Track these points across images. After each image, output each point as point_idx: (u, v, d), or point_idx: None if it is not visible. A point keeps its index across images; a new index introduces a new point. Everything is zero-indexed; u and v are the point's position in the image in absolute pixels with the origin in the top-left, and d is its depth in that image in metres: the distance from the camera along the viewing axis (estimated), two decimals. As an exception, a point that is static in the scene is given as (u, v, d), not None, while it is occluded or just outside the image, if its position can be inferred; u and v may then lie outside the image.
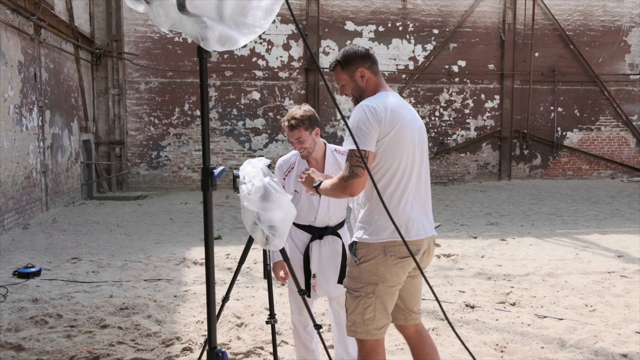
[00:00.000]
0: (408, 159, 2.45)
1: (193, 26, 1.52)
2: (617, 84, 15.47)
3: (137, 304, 4.57)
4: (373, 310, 2.48)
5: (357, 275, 2.50)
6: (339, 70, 2.57)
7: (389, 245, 2.43)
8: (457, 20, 14.49)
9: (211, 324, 1.69)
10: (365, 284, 2.47)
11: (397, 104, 2.45)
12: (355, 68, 2.53)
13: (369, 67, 2.55)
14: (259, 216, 2.63)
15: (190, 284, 5.28)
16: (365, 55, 2.55)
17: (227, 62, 13.71)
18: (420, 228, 2.49)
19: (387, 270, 2.45)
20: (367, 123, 2.36)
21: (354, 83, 2.55)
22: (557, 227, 8.50)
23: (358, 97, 2.57)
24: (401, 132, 2.41)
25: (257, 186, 2.61)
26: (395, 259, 2.44)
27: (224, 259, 6.32)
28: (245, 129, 13.97)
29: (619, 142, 15.69)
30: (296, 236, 3.15)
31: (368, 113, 2.38)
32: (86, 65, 12.43)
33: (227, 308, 4.44)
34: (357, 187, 2.36)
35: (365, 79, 2.54)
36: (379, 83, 2.57)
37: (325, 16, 14.04)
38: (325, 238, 3.13)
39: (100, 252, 6.68)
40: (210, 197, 1.61)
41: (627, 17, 15.28)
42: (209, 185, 1.60)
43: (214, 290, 1.69)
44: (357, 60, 2.53)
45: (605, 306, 4.69)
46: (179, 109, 13.67)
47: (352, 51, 2.55)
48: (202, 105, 1.60)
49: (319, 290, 3.12)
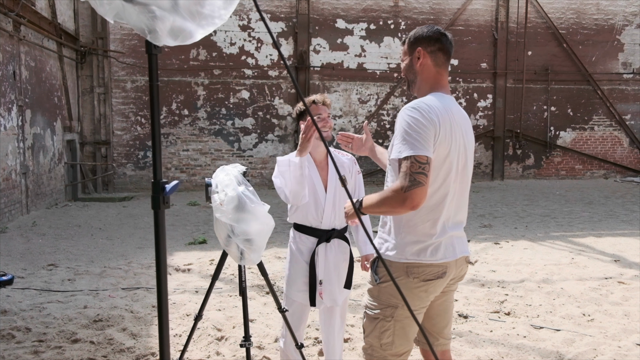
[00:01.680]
0: (451, 172, 2.15)
1: (139, 16, 1.28)
2: (610, 83, 15.35)
3: (113, 315, 4.32)
4: (391, 335, 2.22)
5: (377, 296, 2.26)
6: (406, 46, 2.27)
7: (412, 267, 2.17)
8: (450, 18, 14.30)
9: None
10: (385, 306, 2.22)
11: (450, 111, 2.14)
12: (416, 46, 2.22)
13: (432, 52, 2.20)
14: (232, 229, 2.40)
15: (171, 293, 5.03)
16: (433, 37, 2.21)
17: (215, 60, 13.44)
18: (448, 250, 2.20)
19: (409, 293, 2.17)
20: (421, 125, 2.03)
21: (409, 62, 2.25)
22: (551, 230, 8.31)
23: (410, 82, 2.28)
24: (450, 141, 2.11)
25: (230, 196, 2.38)
26: (418, 282, 2.18)
27: (208, 264, 6.07)
28: (235, 129, 13.70)
29: (612, 142, 15.57)
30: (300, 242, 2.92)
31: (420, 115, 2.05)
32: (70, 63, 12.12)
33: (207, 320, 4.20)
34: (420, 197, 2.00)
35: (420, 62, 2.21)
36: (438, 79, 2.23)
37: (316, 14, 13.80)
38: (332, 241, 2.91)
39: (78, 257, 6.42)
40: (162, 216, 1.37)
41: (621, 16, 15.16)
42: (160, 203, 1.36)
43: (167, 328, 1.44)
44: (422, 39, 2.20)
45: (603, 315, 4.50)
46: (166, 108, 13.38)
47: (423, 30, 2.24)
48: (152, 110, 1.36)
49: (326, 298, 2.89)
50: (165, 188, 1.35)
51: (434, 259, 2.16)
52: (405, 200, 2.00)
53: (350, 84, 14.08)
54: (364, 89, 14.09)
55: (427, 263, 2.16)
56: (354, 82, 14.09)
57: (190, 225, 8.65)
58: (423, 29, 2.23)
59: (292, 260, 2.94)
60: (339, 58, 13.98)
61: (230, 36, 13.46)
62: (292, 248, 2.95)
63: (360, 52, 14.05)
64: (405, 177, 2.00)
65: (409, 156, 2.00)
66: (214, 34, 13.36)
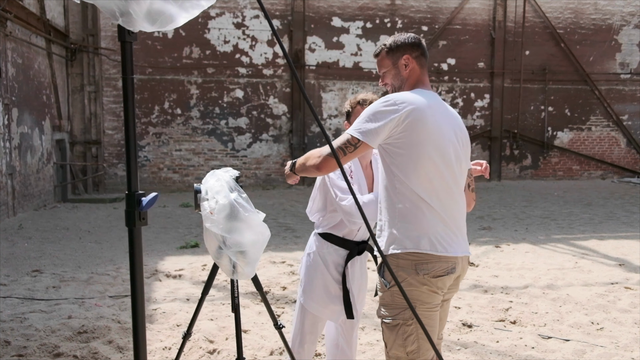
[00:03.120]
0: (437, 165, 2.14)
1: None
2: (607, 83, 15.22)
3: (98, 326, 4.08)
4: (416, 341, 2.11)
5: (390, 301, 2.16)
6: (384, 55, 2.30)
7: (420, 263, 2.12)
8: (447, 17, 14.11)
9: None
10: (401, 309, 2.13)
11: (430, 104, 2.16)
12: (400, 54, 2.27)
13: (416, 57, 2.28)
14: (224, 240, 2.18)
15: (160, 301, 4.80)
16: (415, 43, 2.29)
17: (209, 58, 13.19)
18: (454, 244, 2.17)
19: (420, 290, 2.14)
20: (379, 116, 2.09)
21: (395, 71, 2.28)
22: (552, 232, 8.14)
23: (397, 88, 2.30)
24: (431, 135, 2.12)
25: (221, 204, 2.16)
26: (429, 278, 2.13)
27: (200, 270, 5.84)
28: (228, 128, 13.46)
29: (610, 142, 15.45)
30: (329, 254, 2.65)
31: (387, 106, 2.10)
32: (60, 60, 11.84)
33: (199, 331, 3.98)
34: (329, 166, 2.14)
35: (409, 68, 2.27)
36: (421, 78, 2.29)
37: (312, 12, 13.58)
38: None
39: (65, 263, 6.17)
40: (139, 234, 1.16)
41: (618, 16, 15.03)
42: (136, 219, 1.15)
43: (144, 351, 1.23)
44: (406, 46, 2.27)
45: (613, 324, 4.31)
46: (158, 107, 13.12)
47: (404, 37, 2.29)
48: (126, 108, 1.14)
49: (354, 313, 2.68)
50: (141, 202, 1.13)
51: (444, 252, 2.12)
52: (319, 164, 2.13)
53: (346, 83, 13.87)
54: (360, 89, 13.88)
55: (437, 255, 2.12)
56: (350, 81, 13.88)
57: (183, 228, 8.42)
58: (401, 37, 2.29)
59: (315, 271, 2.66)
60: (335, 57, 13.76)
61: (224, 34, 13.22)
62: (318, 259, 2.67)
63: (356, 51, 13.84)
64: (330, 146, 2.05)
65: (350, 134, 2.11)
66: (207, 32, 13.12)
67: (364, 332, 4.09)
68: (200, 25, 13.07)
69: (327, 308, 2.67)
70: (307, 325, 2.69)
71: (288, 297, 4.93)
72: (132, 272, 1.17)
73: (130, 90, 1.12)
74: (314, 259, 2.69)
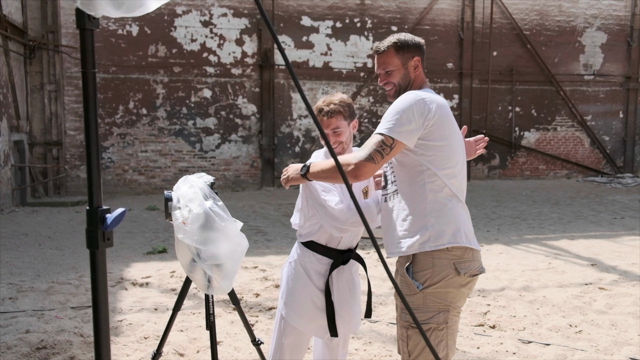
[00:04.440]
0: (459, 161, 2.18)
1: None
2: (572, 84, 15.52)
3: (59, 341, 3.81)
4: (445, 347, 2.02)
5: (422, 304, 2.04)
6: (392, 53, 2.23)
7: (459, 261, 2.05)
8: (416, 17, 14.13)
9: None
10: (435, 312, 2.03)
11: (445, 103, 2.20)
12: (411, 55, 2.24)
13: (422, 61, 2.29)
14: (198, 252, 1.99)
15: (127, 312, 4.55)
16: (422, 46, 2.29)
17: (175, 57, 12.84)
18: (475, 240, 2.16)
19: (457, 292, 2.06)
20: (411, 114, 2.04)
21: (404, 71, 2.23)
22: (524, 232, 8.18)
23: (403, 88, 2.25)
24: (454, 132, 2.16)
25: (195, 213, 1.98)
26: (467, 278, 2.08)
27: (168, 277, 5.59)
28: (196, 129, 13.14)
29: (574, 142, 15.75)
30: (311, 262, 2.45)
31: (418, 104, 2.06)
32: (17, 58, 11.30)
33: (168, 343, 3.75)
34: (367, 172, 2.03)
35: (417, 70, 2.25)
36: (424, 79, 2.30)
37: (281, 10, 13.38)
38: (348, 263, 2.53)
39: (23, 271, 5.82)
40: (102, 257, 0.97)
41: (582, 18, 15.34)
42: (99, 240, 0.96)
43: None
44: (415, 48, 2.25)
45: (590, 326, 4.29)
46: (123, 107, 12.70)
47: (410, 37, 2.26)
48: (87, 107, 0.96)
49: (341, 328, 2.48)
50: (105, 219, 0.95)
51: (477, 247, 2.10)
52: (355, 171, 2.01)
53: (316, 83, 13.73)
54: (330, 88, 13.76)
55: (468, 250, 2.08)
56: (320, 81, 13.74)
57: (149, 232, 8.11)
58: (409, 37, 2.25)
59: (298, 283, 2.47)
60: (305, 56, 13.60)
61: (191, 32, 12.89)
62: (300, 269, 2.48)
63: (326, 51, 13.71)
64: (365, 149, 2.05)
65: (381, 134, 2.03)
66: (173, 30, 12.77)
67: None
68: (166, 23, 12.72)
69: (313, 323, 2.46)
70: (289, 341, 2.47)
71: (262, 305, 4.75)
72: (95, 302, 0.99)
73: (92, 87, 0.94)
74: (295, 267, 2.50)
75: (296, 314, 2.44)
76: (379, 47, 2.25)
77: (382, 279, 5.44)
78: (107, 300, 0.99)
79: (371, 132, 14.25)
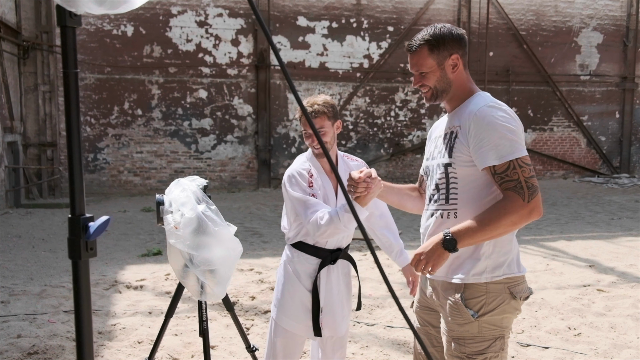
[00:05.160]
0: None
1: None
2: (568, 84, 15.51)
3: (51, 346, 3.75)
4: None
5: (477, 333, 1.87)
6: (425, 53, 1.92)
7: (513, 285, 1.89)
8: (412, 17, 14.09)
9: None
10: (491, 340, 1.87)
11: None
12: (448, 53, 1.92)
13: (462, 57, 1.96)
14: (191, 257, 1.94)
15: (120, 315, 4.48)
16: (461, 37, 1.95)
17: (170, 57, 12.77)
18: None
19: (512, 316, 1.91)
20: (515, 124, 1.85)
21: (441, 73, 1.93)
22: (521, 233, 8.13)
23: (439, 93, 1.97)
24: None
25: (187, 217, 1.92)
26: (521, 302, 1.92)
27: (163, 280, 5.53)
28: (192, 130, 13.06)
29: (571, 142, 15.75)
30: (299, 263, 2.45)
31: (511, 117, 1.86)
32: (11, 59, 11.21)
33: (162, 348, 3.70)
34: (540, 204, 1.79)
35: (457, 70, 1.94)
36: (470, 80, 2.00)
37: (276, 11, 13.33)
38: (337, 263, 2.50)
39: (16, 274, 5.75)
40: (85, 268, 0.92)
41: (578, 18, 15.34)
42: (81, 250, 0.91)
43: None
44: (453, 43, 1.92)
45: (590, 329, 4.25)
46: (118, 107, 12.62)
47: (447, 30, 1.92)
48: (69, 110, 0.90)
49: (326, 328, 2.46)
50: (88, 228, 0.89)
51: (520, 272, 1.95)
52: (532, 212, 1.77)
53: (312, 84, 13.67)
54: (327, 89, 13.71)
55: (521, 276, 1.94)
56: (316, 81, 13.69)
57: (144, 234, 8.04)
58: (445, 30, 1.94)
59: (287, 284, 2.48)
60: (301, 57, 13.55)
61: (186, 32, 12.82)
62: (289, 269, 2.49)
63: (322, 51, 13.66)
64: (521, 186, 1.77)
65: (516, 159, 1.78)
66: (168, 30, 12.70)
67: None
68: (162, 23, 12.64)
69: (302, 323, 2.46)
70: (281, 343, 2.47)
71: (258, 308, 4.69)
72: (78, 314, 0.94)
73: (74, 88, 0.89)
74: (284, 269, 2.52)
75: (286, 315, 2.45)
76: (410, 45, 1.95)
77: (379, 281, 5.39)
78: (91, 312, 0.94)
79: (368, 132, 14.26)
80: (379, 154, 14.26)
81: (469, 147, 1.88)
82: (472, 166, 1.89)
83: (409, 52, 1.96)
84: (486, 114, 1.85)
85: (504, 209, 1.76)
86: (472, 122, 1.87)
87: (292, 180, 2.38)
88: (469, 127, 1.88)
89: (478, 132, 1.84)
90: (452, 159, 1.92)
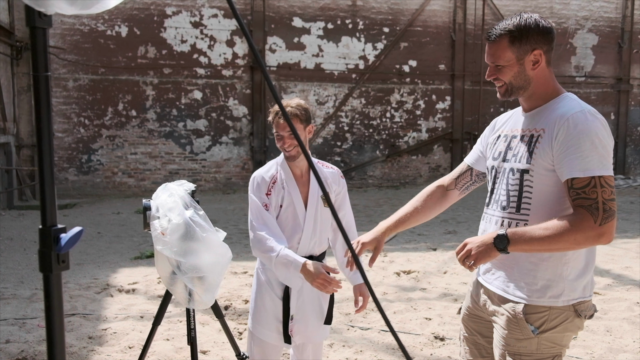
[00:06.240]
0: None
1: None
2: (563, 85, 15.09)
3: (40, 351, 3.69)
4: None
5: (535, 350, 1.77)
6: (505, 44, 1.75)
7: (579, 304, 1.78)
8: (408, 18, 14.08)
9: None
10: (549, 358, 1.78)
11: None
12: (530, 47, 1.74)
13: (547, 52, 1.78)
14: (179, 264, 1.89)
15: (112, 320, 4.43)
16: (548, 31, 1.77)
17: (165, 58, 12.70)
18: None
19: (572, 334, 1.82)
20: (608, 139, 1.68)
21: (519, 68, 1.76)
22: (516, 235, 8.11)
23: (515, 89, 1.80)
24: None
25: (175, 223, 1.88)
26: (584, 320, 1.83)
27: (155, 283, 5.47)
28: (186, 131, 13.00)
29: (566, 144, 15.76)
30: (270, 271, 2.43)
31: (605, 127, 1.70)
32: (4, 59, 11.13)
33: (153, 353, 3.65)
34: (613, 230, 1.65)
35: (538, 67, 1.77)
36: (553, 78, 1.82)
37: (272, 11, 13.28)
38: None
39: (6, 278, 5.68)
40: (57, 282, 0.88)
41: (573, 20, 15.36)
42: (52, 262, 0.87)
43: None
44: (538, 37, 1.74)
45: (585, 332, 4.21)
46: (112, 108, 12.54)
47: (533, 22, 1.74)
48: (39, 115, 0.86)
49: (297, 336, 2.44)
50: (59, 240, 0.85)
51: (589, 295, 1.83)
52: (601, 237, 1.62)
53: (307, 85, 13.64)
54: (322, 90, 13.68)
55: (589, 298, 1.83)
56: (312, 82, 13.65)
57: (138, 237, 7.98)
58: (530, 21, 1.75)
59: (259, 292, 2.46)
60: (296, 58, 13.51)
61: (181, 33, 12.76)
62: (261, 278, 2.46)
63: (317, 52, 13.63)
64: (598, 208, 1.63)
65: (601, 177, 1.64)
66: (163, 31, 12.64)
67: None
68: (156, 24, 12.58)
69: (274, 331, 2.45)
70: (257, 351, 2.49)
71: (251, 312, 4.64)
72: (50, 331, 0.89)
73: (44, 93, 0.84)
74: (257, 277, 2.51)
75: (259, 324, 2.45)
76: (490, 34, 1.78)
77: (374, 285, 5.35)
78: (63, 329, 0.89)
79: (363, 134, 14.22)
80: (374, 155, 14.23)
81: (552, 154, 1.72)
82: (551, 173, 1.73)
83: (487, 41, 1.81)
84: (580, 121, 1.68)
85: (572, 224, 1.61)
86: (562, 127, 1.69)
87: (253, 184, 2.40)
88: (557, 132, 1.70)
89: (567, 139, 1.67)
90: (530, 165, 1.76)
